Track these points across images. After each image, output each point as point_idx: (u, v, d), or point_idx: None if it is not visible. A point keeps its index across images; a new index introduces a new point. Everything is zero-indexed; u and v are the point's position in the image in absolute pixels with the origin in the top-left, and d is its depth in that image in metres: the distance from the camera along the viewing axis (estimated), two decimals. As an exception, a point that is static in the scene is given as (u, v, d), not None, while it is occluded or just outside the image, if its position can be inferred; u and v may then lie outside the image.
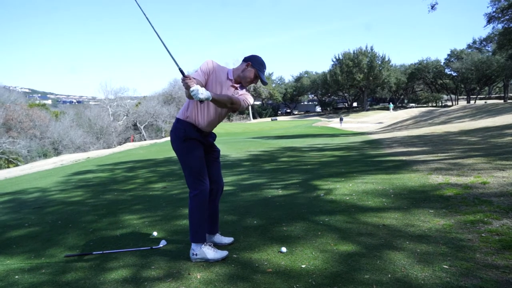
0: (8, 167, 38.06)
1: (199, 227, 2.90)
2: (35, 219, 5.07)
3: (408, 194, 4.35)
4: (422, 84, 73.96)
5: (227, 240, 3.20)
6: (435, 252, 2.62)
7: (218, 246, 3.12)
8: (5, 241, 4.05)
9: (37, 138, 45.89)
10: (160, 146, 21.93)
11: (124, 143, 44.99)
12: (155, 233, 3.64)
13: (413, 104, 74.57)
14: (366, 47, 67.08)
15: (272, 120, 68.60)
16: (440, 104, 72.14)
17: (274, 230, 3.43)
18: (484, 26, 35.86)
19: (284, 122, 58.31)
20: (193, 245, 2.87)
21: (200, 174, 2.90)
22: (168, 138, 39.12)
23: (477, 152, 7.62)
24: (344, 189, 4.94)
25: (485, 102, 41.07)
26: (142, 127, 60.62)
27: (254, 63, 2.93)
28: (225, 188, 5.97)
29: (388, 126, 29.70)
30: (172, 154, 14.43)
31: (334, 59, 71.03)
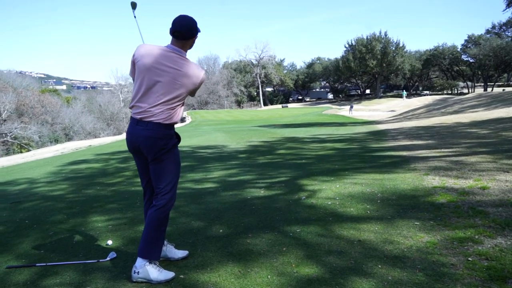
0: (21, 151, 38.61)
1: (158, 241, 2.57)
2: (5, 217, 4.84)
3: (396, 200, 3.93)
4: (438, 71, 71.95)
5: (181, 254, 2.85)
6: (409, 281, 2.23)
7: (168, 261, 2.78)
8: (-39, 243, 3.81)
9: (49, 123, 46.30)
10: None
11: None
12: (110, 242, 3.32)
13: (428, 92, 72.73)
14: (380, 33, 65.43)
15: (282, 107, 67.84)
16: (456, 92, 70.12)
17: (237, 242, 3.07)
18: (503, 10, 34.22)
19: (294, 110, 57.62)
20: (139, 261, 2.53)
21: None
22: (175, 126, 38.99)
23: (484, 148, 7.10)
24: (329, 191, 4.54)
25: (503, 90, 39.68)
26: (152, 113, 60.62)
27: None
28: (207, 185, 5.65)
29: (400, 114, 28.88)
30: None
31: (347, 45, 69.58)
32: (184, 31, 2.48)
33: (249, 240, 3.10)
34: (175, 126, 2.68)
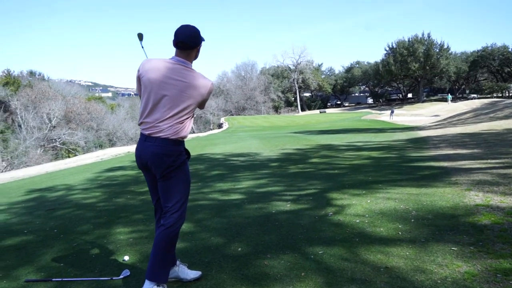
0: (68, 156, 40.73)
1: (166, 262, 2.46)
2: (38, 224, 4.98)
3: (432, 219, 3.58)
4: (486, 72, 68.06)
5: (193, 274, 2.72)
6: (441, 321, 1.96)
7: (179, 282, 2.66)
8: (-8, 252, 3.93)
9: (94, 129, 48.56)
10: (199, 141, 22.00)
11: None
12: (126, 258, 3.26)
13: (475, 95, 68.80)
14: (423, 34, 63.01)
15: (320, 112, 66.87)
16: (507, 95, 65.86)
17: (254, 264, 2.89)
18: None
19: (333, 115, 56.59)
20: (146, 284, 2.42)
21: None
22: (211, 132, 39.47)
23: (538, 159, 6.46)
24: (359, 206, 4.25)
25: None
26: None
27: None
28: (233, 197, 5.53)
29: (444, 119, 27.45)
30: (204, 151, 14.25)
31: (387, 48, 67.60)
32: (188, 41, 2.38)
33: (267, 261, 2.92)
34: (185, 140, 2.56)
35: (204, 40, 2.49)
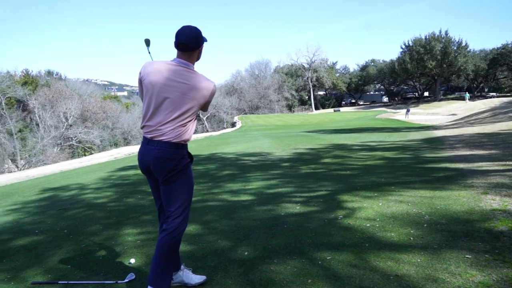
0: (84, 154, 41.41)
1: (168, 268, 2.42)
2: (49, 224, 5.02)
3: (446, 224, 3.46)
4: (506, 70, 66.25)
5: (198, 279, 2.67)
6: (452, 336, 1.86)
7: (184, 287, 2.62)
8: (4, 252, 3.97)
9: (109, 128, 49.27)
10: (212, 140, 22.04)
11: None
12: (132, 261, 3.25)
13: (494, 94, 67.16)
14: (440, 32, 61.91)
15: (334, 111, 66.39)
16: (528, 93, 64.08)
17: (261, 269, 2.83)
18: None
19: (347, 114, 56.06)
20: None
21: None
22: (224, 131, 39.45)
23: (559, 160, 6.22)
24: (370, 210, 4.14)
25: None
26: (204, 118, 62.26)
27: None
28: (243, 198, 5.47)
29: (461, 119, 26.87)
30: (216, 150, 14.26)
31: (403, 46, 66.67)
32: (189, 42, 2.33)
33: (273, 266, 2.85)
34: (189, 143, 2.52)
35: (206, 41, 2.44)
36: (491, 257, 2.69)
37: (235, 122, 51.83)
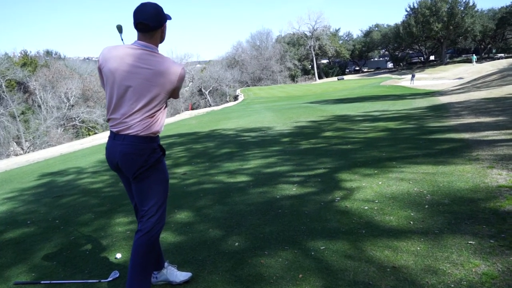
0: (88, 134, 41.49)
1: (146, 272, 2.26)
2: (42, 214, 4.93)
3: (449, 204, 3.25)
4: (515, 30, 64.19)
5: (183, 277, 2.52)
6: None
7: (169, 285, 2.47)
8: (-8, 246, 3.87)
9: (111, 107, 48.98)
10: (213, 116, 21.78)
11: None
12: (118, 256, 3.11)
13: (502, 55, 65.30)
14: (446, -8, 59.34)
15: (338, 79, 65.21)
16: (537, 53, 62.30)
17: (250, 262, 2.68)
18: None
19: (351, 82, 55.09)
20: None
21: None
22: (226, 105, 38.98)
23: None
24: (369, 190, 3.95)
25: None
26: (207, 92, 61.68)
27: None
28: (239, 179, 5.30)
29: (468, 82, 26.19)
30: (216, 126, 14.03)
31: (408, 9, 64.40)
32: (149, 21, 2.05)
33: (263, 259, 2.69)
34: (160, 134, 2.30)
35: (170, 19, 2.17)
36: (496, 243, 2.49)
37: (237, 95, 51.27)
